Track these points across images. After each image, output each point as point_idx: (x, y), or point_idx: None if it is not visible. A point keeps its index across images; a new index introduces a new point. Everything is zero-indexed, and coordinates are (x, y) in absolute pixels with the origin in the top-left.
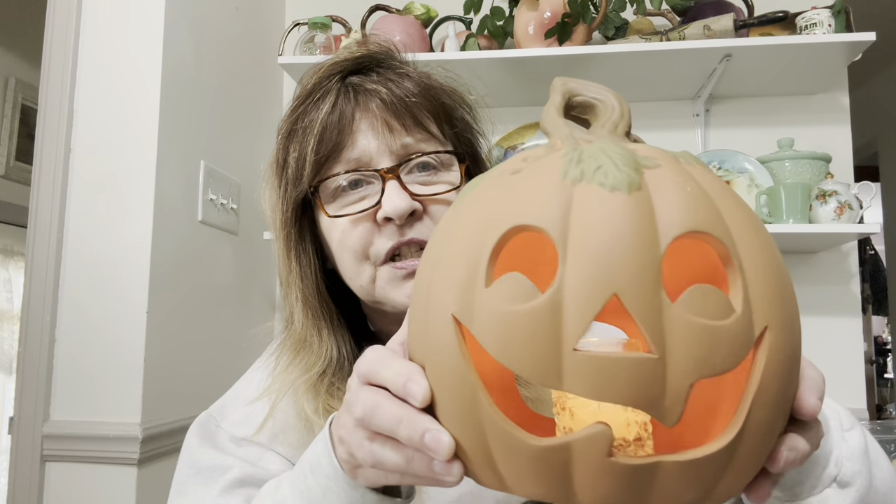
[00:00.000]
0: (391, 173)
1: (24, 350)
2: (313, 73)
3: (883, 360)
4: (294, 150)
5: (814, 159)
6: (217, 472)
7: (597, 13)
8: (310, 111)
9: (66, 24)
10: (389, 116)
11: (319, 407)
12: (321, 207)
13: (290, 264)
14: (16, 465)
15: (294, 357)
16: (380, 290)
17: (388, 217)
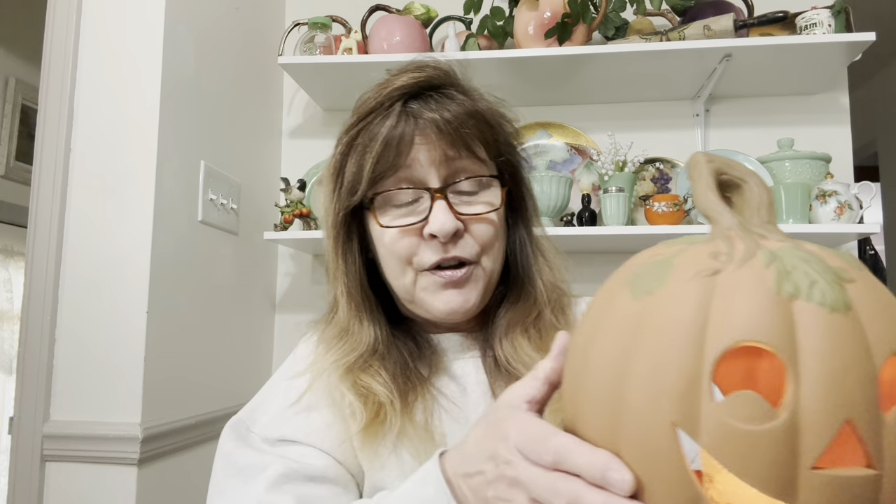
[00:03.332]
0: (440, 193)
1: (24, 350)
2: (375, 92)
3: None
4: (353, 163)
5: (814, 159)
6: (256, 469)
7: (597, 13)
8: (371, 128)
9: (66, 24)
10: (443, 142)
11: (351, 383)
12: (374, 217)
13: (337, 260)
14: (16, 465)
15: (336, 342)
16: (419, 294)
17: (433, 234)
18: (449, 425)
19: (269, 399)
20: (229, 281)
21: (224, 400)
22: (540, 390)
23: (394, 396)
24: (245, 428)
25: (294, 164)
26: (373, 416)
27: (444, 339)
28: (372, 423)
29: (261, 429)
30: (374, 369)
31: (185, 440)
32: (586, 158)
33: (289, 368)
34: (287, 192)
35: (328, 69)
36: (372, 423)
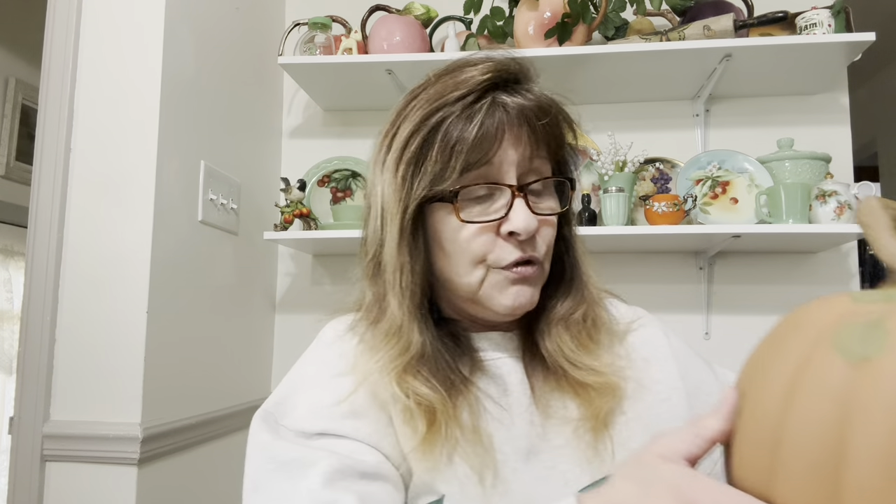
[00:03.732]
0: (521, 191)
1: (24, 350)
2: (456, 81)
3: None
4: (438, 153)
5: (813, 159)
6: (303, 464)
7: (597, 13)
8: (459, 119)
9: (66, 24)
10: (530, 138)
11: (400, 389)
12: (456, 211)
13: (400, 256)
14: (16, 464)
15: (384, 342)
16: (486, 291)
17: (512, 232)
18: (494, 426)
19: (300, 391)
20: (229, 281)
21: (224, 400)
22: (702, 448)
23: (446, 401)
24: (274, 420)
25: (294, 164)
26: (430, 423)
27: (482, 338)
28: (429, 430)
29: (293, 422)
30: (423, 375)
31: (185, 440)
32: (586, 158)
33: (319, 359)
34: (287, 192)
35: (328, 69)
36: (429, 431)
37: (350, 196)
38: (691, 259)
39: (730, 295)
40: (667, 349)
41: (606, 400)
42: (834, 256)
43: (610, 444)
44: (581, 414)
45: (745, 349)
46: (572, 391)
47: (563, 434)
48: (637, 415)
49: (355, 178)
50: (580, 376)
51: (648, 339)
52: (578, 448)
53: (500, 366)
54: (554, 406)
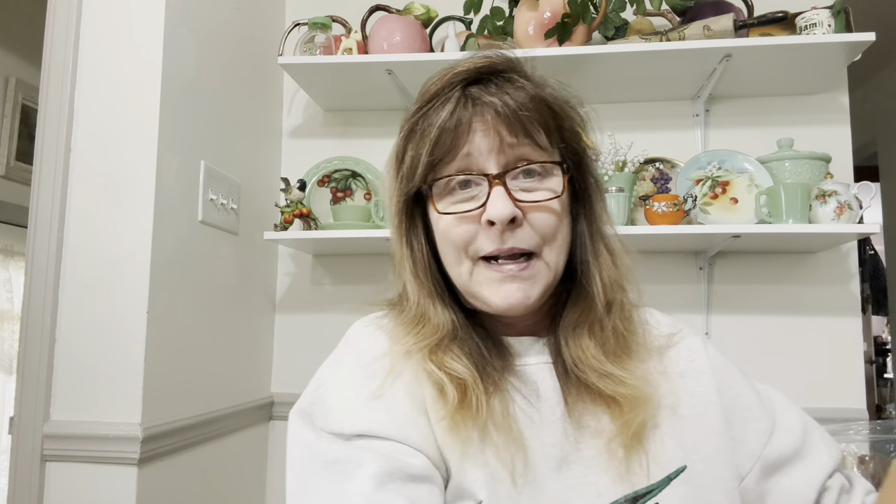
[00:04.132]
0: (498, 179)
1: (24, 350)
2: (438, 78)
3: (883, 360)
4: (411, 149)
5: (813, 159)
6: (350, 464)
7: (597, 13)
8: (430, 115)
9: (66, 24)
10: (502, 126)
11: (433, 364)
12: (432, 203)
13: (402, 249)
14: (16, 464)
15: (412, 329)
16: (475, 286)
17: (491, 220)
18: (525, 423)
19: (333, 392)
20: (229, 281)
21: (224, 400)
22: None
23: (477, 379)
24: (311, 419)
25: (294, 164)
26: (462, 395)
27: (517, 342)
28: (461, 402)
29: (328, 423)
30: (454, 353)
31: (185, 440)
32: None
33: (351, 361)
34: (287, 192)
35: (328, 69)
36: (461, 404)
37: (350, 196)
38: (691, 259)
39: (730, 295)
40: (704, 362)
41: (637, 413)
42: (834, 256)
43: (645, 460)
44: (613, 426)
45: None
46: (603, 404)
47: (596, 447)
48: (671, 429)
49: (355, 178)
50: (607, 388)
51: (686, 352)
52: (611, 463)
53: (534, 372)
54: (586, 416)
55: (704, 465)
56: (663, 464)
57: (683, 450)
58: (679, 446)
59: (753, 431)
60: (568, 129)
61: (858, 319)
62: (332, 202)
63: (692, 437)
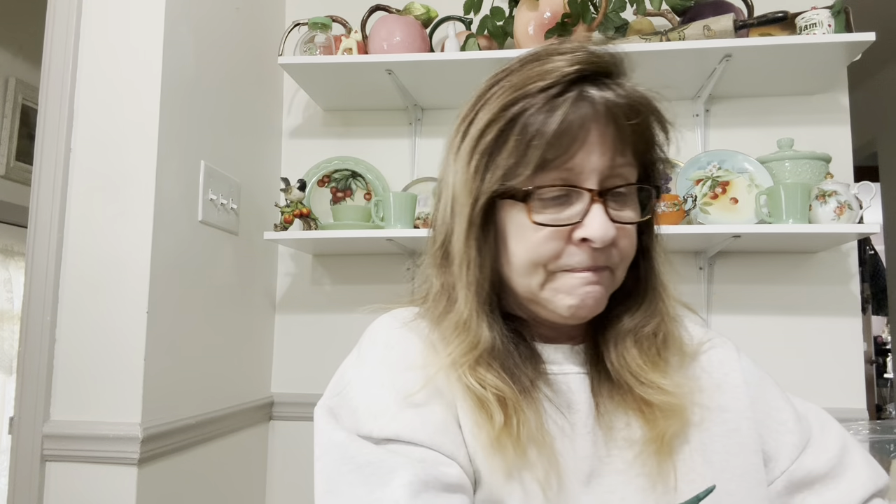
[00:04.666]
0: (601, 198)
1: (24, 350)
2: (541, 70)
3: (883, 360)
4: (513, 146)
5: (813, 159)
6: (383, 470)
7: (597, 13)
8: (540, 112)
9: (66, 24)
10: (616, 139)
11: (475, 380)
12: (528, 212)
13: (469, 250)
14: (16, 464)
15: (453, 334)
16: (546, 293)
17: (586, 238)
18: (557, 436)
19: (359, 393)
20: (229, 281)
21: (224, 400)
22: None
23: (517, 396)
24: (338, 419)
25: (294, 164)
26: (506, 415)
27: (549, 351)
28: (505, 426)
29: (358, 424)
30: (494, 368)
31: (185, 440)
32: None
33: (378, 359)
34: (287, 192)
35: (328, 69)
36: (506, 424)
37: (350, 196)
38: (691, 259)
39: (730, 295)
40: (738, 374)
41: (672, 423)
42: (834, 256)
43: (673, 475)
44: (645, 436)
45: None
46: (637, 409)
47: (625, 458)
48: (701, 444)
49: (355, 178)
50: (646, 394)
51: (719, 363)
52: (641, 473)
53: (567, 381)
54: (617, 426)
55: (735, 484)
56: (691, 481)
57: (713, 468)
58: (708, 464)
59: (785, 445)
60: (659, 145)
61: (858, 319)
62: (332, 202)
63: (722, 455)
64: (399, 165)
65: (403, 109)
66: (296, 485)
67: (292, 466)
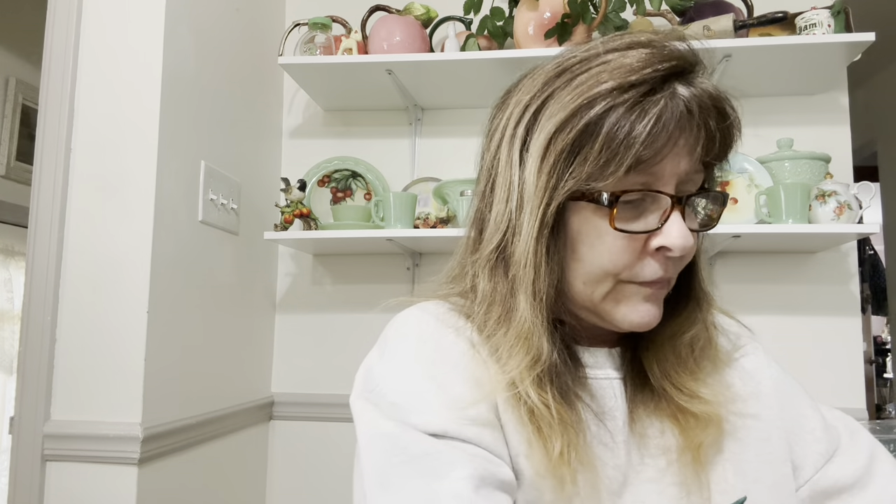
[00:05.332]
0: (680, 203)
1: (24, 350)
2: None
3: (882, 359)
4: (601, 147)
5: (813, 159)
6: (442, 462)
7: (596, 13)
8: (633, 112)
9: (66, 25)
10: (702, 144)
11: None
12: (611, 217)
13: (536, 254)
14: (16, 464)
15: (515, 346)
16: (608, 304)
17: (664, 247)
18: (596, 448)
19: (395, 385)
20: (229, 281)
21: (224, 400)
22: None
23: (570, 417)
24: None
25: (294, 164)
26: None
27: (590, 353)
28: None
29: (404, 418)
30: (553, 388)
31: (186, 440)
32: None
33: (415, 354)
34: (287, 192)
35: (328, 69)
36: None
37: (350, 196)
38: None
39: (730, 295)
40: (769, 383)
41: (709, 432)
42: (833, 256)
43: (707, 485)
44: (680, 444)
45: None
46: (672, 417)
47: (658, 466)
48: (733, 454)
49: (355, 178)
50: (683, 402)
51: (753, 371)
52: (673, 483)
53: (603, 386)
54: (651, 433)
55: (767, 495)
56: (724, 491)
57: (745, 479)
58: (740, 475)
59: (811, 454)
60: (733, 145)
61: (858, 319)
62: (333, 202)
63: (754, 465)
64: (399, 165)
65: (403, 109)
66: (296, 485)
67: (292, 466)
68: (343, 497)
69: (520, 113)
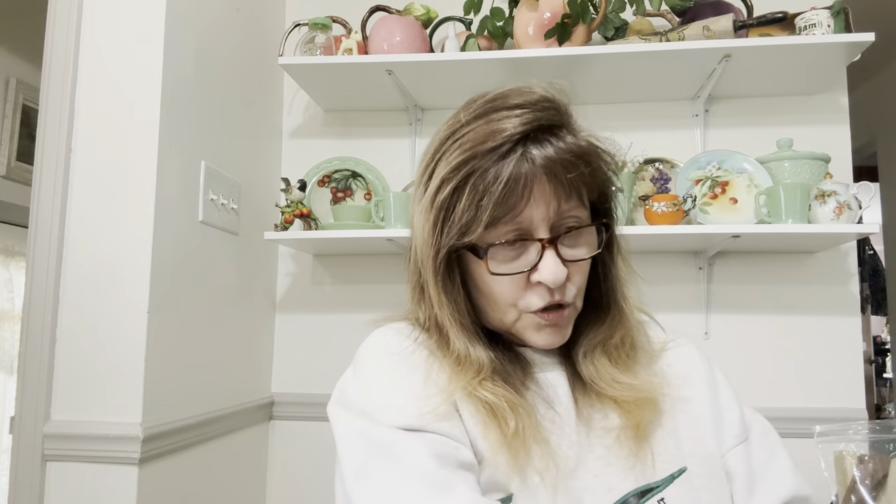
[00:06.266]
0: (551, 244)
1: (24, 350)
2: (490, 130)
3: (882, 359)
4: (467, 204)
5: (813, 159)
6: (407, 447)
7: (596, 14)
8: (487, 172)
9: (66, 25)
10: (557, 190)
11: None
12: (486, 264)
13: (439, 294)
14: (17, 464)
15: (458, 368)
16: (519, 330)
17: (541, 281)
18: (549, 429)
19: (373, 392)
20: (229, 281)
21: (224, 400)
22: None
23: (520, 400)
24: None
25: (294, 164)
26: (517, 420)
27: (534, 355)
28: (515, 432)
29: (374, 418)
30: (500, 381)
31: (186, 440)
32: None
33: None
34: (287, 192)
35: (328, 69)
36: (515, 433)
37: (350, 196)
38: (691, 259)
39: (729, 295)
40: (701, 371)
41: (646, 411)
42: (833, 256)
43: (651, 455)
44: (621, 423)
45: (744, 349)
46: (612, 403)
47: (605, 443)
48: (673, 429)
49: (355, 178)
50: (618, 394)
51: (683, 358)
52: (620, 456)
53: (550, 380)
54: (595, 418)
55: (701, 468)
56: (667, 461)
57: (682, 451)
58: (679, 447)
59: (727, 436)
60: (603, 179)
61: (858, 319)
62: (333, 202)
63: (689, 441)
64: (399, 165)
65: (403, 109)
66: (296, 485)
67: (292, 466)
68: None
69: (420, 173)
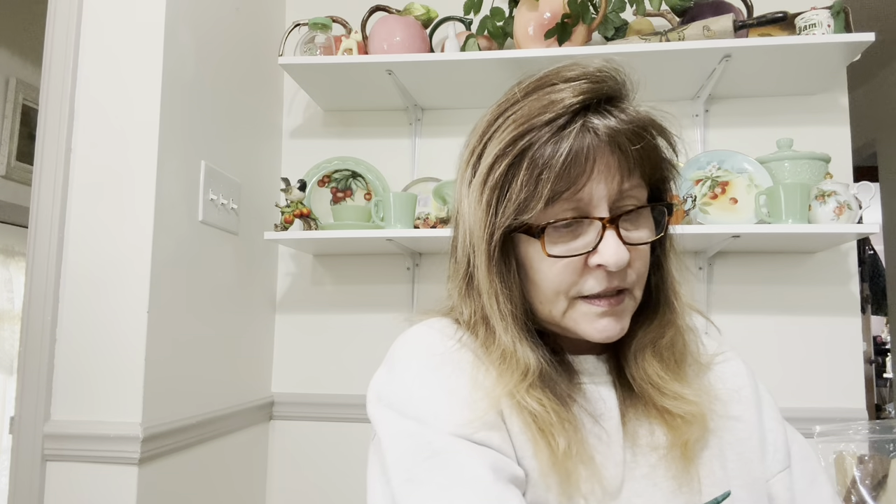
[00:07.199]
0: (612, 224)
1: (24, 350)
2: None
3: (882, 359)
4: (524, 181)
5: (813, 159)
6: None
7: (596, 14)
8: (545, 146)
9: (66, 25)
10: (622, 164)
11: (538, 404)
12: (542, 245)
13: (490, 282)
14: (16, 464)
15: (502, 366)
16: (570, 321)
17: (601, 264)
18: (595, 447)
19: (410, 394)
20: (229, 281)
21: (224, 400)
22: None
23: (569, 415)
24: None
25: (294, 164)
26: (567, 438)
27: (581, 361)
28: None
29: (424, 420)
30: (547, 391)
31: (186, 440)
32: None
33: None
34: (287, 192)
35: (328, 69)
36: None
37: (350, 196)
38: (691, 259)
39: (729, 295)
40: (749, 389)
41: (694, 429)
42: (833, 256)
43: (697, 478)
44: (669, 441)
45: (744, 349)
46: (660, 418)
47: (650, 462)
48: (719, 450)
49: (355, 178)
50: (668, 404)
51: (733, 375)
52: (666, 477)
53: (594, 390)
54: (641, 433)
55: (745, 492)
56: (713, 483)
57: (727, 474)
58: (723, 470)
59: (771, 462)
60: (666, 158)
61: (858, 319)
62: (333, 202)
63: (735, 463)
64: (399, 165)
65: (403, 109)
66: (296, 485)
67: (292, 466)
68: (343, 496)
69: (467, 156)
